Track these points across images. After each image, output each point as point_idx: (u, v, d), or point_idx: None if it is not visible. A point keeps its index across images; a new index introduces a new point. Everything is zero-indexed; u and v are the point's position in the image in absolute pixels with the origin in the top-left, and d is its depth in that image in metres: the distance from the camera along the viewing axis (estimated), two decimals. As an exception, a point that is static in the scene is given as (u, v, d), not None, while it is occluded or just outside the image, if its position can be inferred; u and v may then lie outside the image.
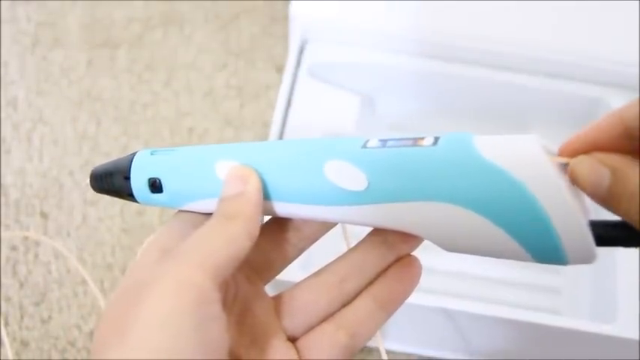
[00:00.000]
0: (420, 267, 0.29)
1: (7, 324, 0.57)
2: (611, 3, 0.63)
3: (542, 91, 0.64)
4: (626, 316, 0.51)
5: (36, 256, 0.61)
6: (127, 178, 0.30)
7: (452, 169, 0.24)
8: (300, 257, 0.31)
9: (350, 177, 0.26)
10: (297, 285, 0.30)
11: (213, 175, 0.29)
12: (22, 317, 0.58)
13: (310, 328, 0.29)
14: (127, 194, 0.30)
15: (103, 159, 0.68)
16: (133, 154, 0.30)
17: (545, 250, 0.23)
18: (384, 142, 0.26)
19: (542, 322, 0.50)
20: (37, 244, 0.62)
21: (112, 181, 0.31)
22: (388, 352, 0.56)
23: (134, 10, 0.78)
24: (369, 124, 0.65)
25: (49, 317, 0.58)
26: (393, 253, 0.29)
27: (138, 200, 0.30)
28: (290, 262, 0.31)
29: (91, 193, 0.65)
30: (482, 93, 0.65)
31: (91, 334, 0.57)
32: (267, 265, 0.30)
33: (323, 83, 0.63)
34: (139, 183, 0.30)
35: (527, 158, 0.23)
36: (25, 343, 0.57)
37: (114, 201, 0.64)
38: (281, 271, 0.31)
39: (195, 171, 0.29)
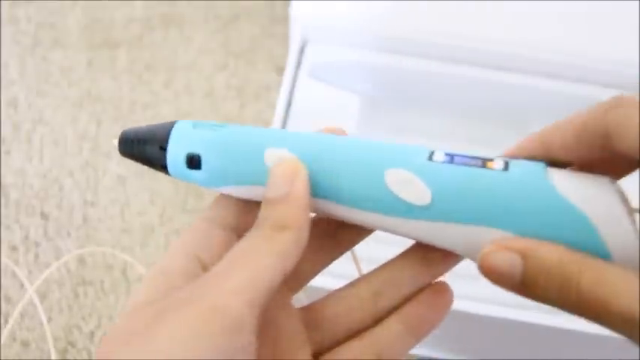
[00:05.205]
0: (452, 295, 0.29)
1: (7, 324, 0.57)
2: (611, 3, 0.63)
3: (542, 91, 0.64)
4: (626, 316, 0.51)
5: (36, 256, 0.61)
6: (163, 148, 0.28)
7: (523, 199, 0.24)
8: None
9: (413, 190, 0.25)
10: (329, 295, 0.29)
11: (261, 162, 0.27)
12: (22, 317, 0.58)
13: (337, 344, 0.28)
14: (160, 165, 0.28)
15: (103, 159, 0.68)
16: (172, 124, 0.28)
17: None
18: (450, 157, 0.25)
19: (541, 322, 0.49)
20: (37, 244, 0.62)
21: (144, 149, 0.29)
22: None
23: (134, 11, 0.78)
24: (369, 124, 0.65)
25: (50, 317, 0.58)
26: (430, 271, 0.28)
27: (170, 173, 0.28)
28: (320, 271, 0.30)
29: (91, 194, 0.65)
30: (482, 93, 0.65)
31: (92, 334, 0.57)
32: (296, 274, 0.28)
33: (323, 84, 0.63)
34: (175, 156, 0.28)
35: (603, 202, 0.23)
36: (25, 343, 0.57)
37: (114, 201, 0.64)
38: (311, 279, 0.30)
39: (242, 154, 0.27)
